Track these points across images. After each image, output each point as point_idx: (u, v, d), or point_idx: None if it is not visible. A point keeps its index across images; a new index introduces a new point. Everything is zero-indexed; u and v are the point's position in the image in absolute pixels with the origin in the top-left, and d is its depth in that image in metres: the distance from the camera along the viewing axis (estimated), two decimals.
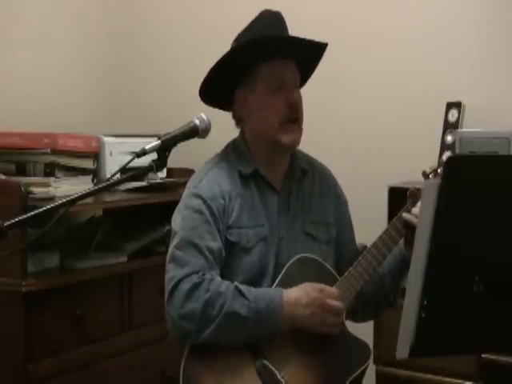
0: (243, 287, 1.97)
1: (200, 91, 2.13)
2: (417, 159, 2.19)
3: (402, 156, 3.12)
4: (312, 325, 1.99)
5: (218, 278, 1.99)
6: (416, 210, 2.04)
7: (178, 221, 2.07)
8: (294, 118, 2.08)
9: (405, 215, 2.06)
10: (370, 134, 3.27)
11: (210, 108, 2.17)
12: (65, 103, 3.42)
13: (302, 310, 1.98)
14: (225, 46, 2.12)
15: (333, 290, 2.03)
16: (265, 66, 2.08)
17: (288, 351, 2.00)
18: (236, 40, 2.15)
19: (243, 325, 1.94)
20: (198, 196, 2.05)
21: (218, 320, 1.92)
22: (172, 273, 1.99)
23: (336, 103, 3.30)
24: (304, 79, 2.21)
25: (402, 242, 2.11)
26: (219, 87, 2.13)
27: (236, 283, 1.98)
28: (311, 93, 2.22)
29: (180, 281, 1.95)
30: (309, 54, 2.15)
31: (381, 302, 2.21)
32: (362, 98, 3.29)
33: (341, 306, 2.02)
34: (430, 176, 2.12)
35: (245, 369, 1.97)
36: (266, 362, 1.98)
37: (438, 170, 2.11)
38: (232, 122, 2.19)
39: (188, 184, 2.13)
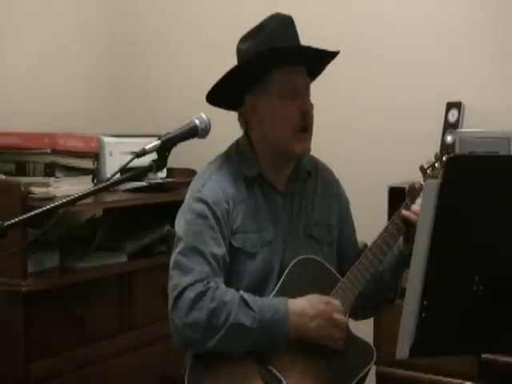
0: (248, 297, 1.95)
1: (208, 96, 2.09)
2: (417, 159, 2.17)
3: (402, 156, 3.11)
4: (317, 337, 1.98)
5: (223, 286, 1.97)
6: (415, 207, 2.04)
7: (181, 224, 2.04)
8: (306, 125, 2.06)
9: (404, 212, 2.06)
10: (370, 133, 3.26)
11: (210, 108, 2.15)
12: (65, 103, 3.41)
13: (308, 322, 1.97)
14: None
15: (338, 303, 2.02)
16: (277, 73, 2.04)
17: (292, 356, 1.99)
18: (244, 40, 2.09)
19: (248, 335, 1.93)
20: (202, 200, 2.02)
21: (223, 331, 1.91)
22: (176, 280, 1.96)
23: (336, 103, 3.29)
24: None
25: (400, 238, 2.10)
26: (228, 91, 2.09)
27: (241, 292, 1.96)
28: (311, 92, 2.22)
29: (185, 289, 1.93)
30: (318, 61, 2.13)
31: (380, 298, 2.20)
32: (362, 98, 3.28)
33: (345, 320, 2.02)
34: (428, 171, 2.12)
35: (250, 375, 1.95)
36: (270, 367, 1.97)
37: (436, 165, 2.12)
38: (232, 122, 2.18)
39: (191, 186, 2.10)
